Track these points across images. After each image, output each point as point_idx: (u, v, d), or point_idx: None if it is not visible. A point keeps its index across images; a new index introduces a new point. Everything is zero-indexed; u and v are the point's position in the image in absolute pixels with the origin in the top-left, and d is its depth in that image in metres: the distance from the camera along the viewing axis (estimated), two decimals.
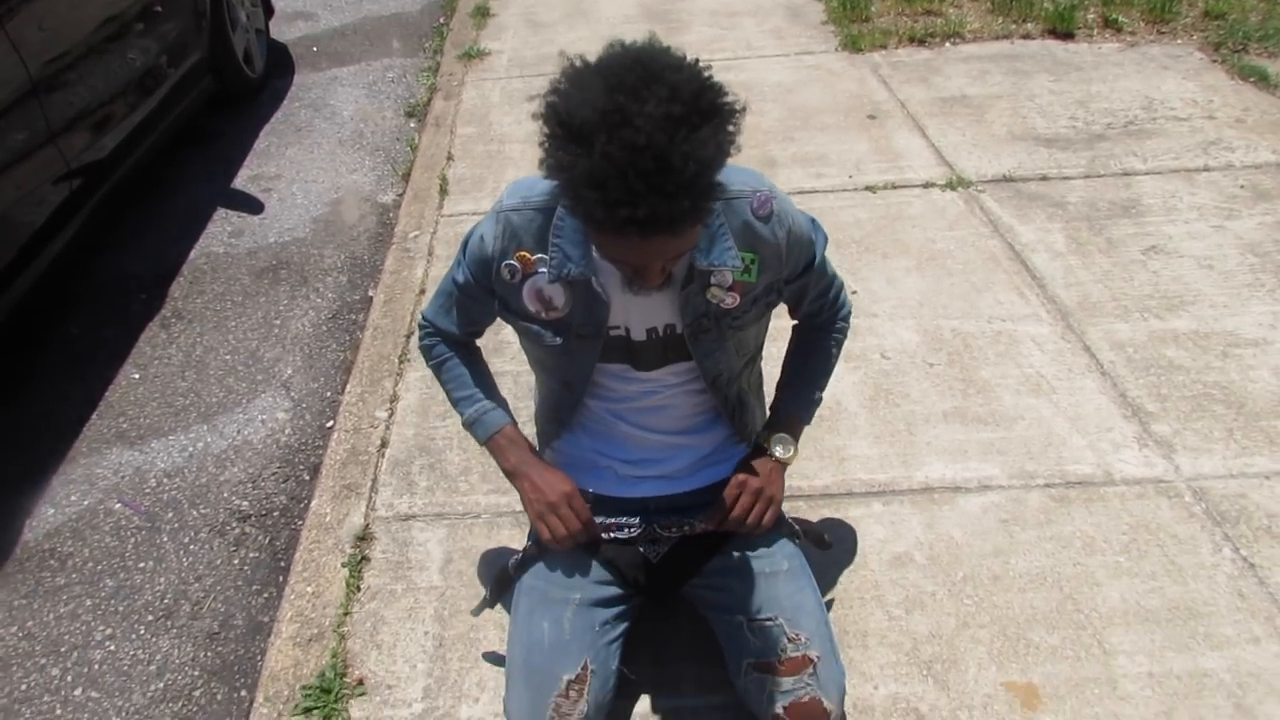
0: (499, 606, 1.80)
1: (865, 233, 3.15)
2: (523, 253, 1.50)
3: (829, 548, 1.89)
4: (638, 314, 1.53)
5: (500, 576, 1.75)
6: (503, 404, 1.71)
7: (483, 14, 5.23)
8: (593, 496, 1.72)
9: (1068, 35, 4.49)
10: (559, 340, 1.55)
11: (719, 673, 1.70)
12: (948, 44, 4.53)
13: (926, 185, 3.40)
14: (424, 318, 1.75)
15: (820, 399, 1.76)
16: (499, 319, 1.66)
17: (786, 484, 1.74)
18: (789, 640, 1.58)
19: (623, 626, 1.67)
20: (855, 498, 2.18)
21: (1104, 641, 1.84)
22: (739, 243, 1.48)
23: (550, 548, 1.63)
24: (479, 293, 1.60)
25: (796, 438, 1.71)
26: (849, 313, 1.78)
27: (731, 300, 1.52)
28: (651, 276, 1.33)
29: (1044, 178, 3.40)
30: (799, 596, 1.64)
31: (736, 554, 1.66)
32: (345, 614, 1.98)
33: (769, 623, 1.60)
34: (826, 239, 1.66)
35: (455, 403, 1.72)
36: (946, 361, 2.58)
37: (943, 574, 1.99)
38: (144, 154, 3.55)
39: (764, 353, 1.75)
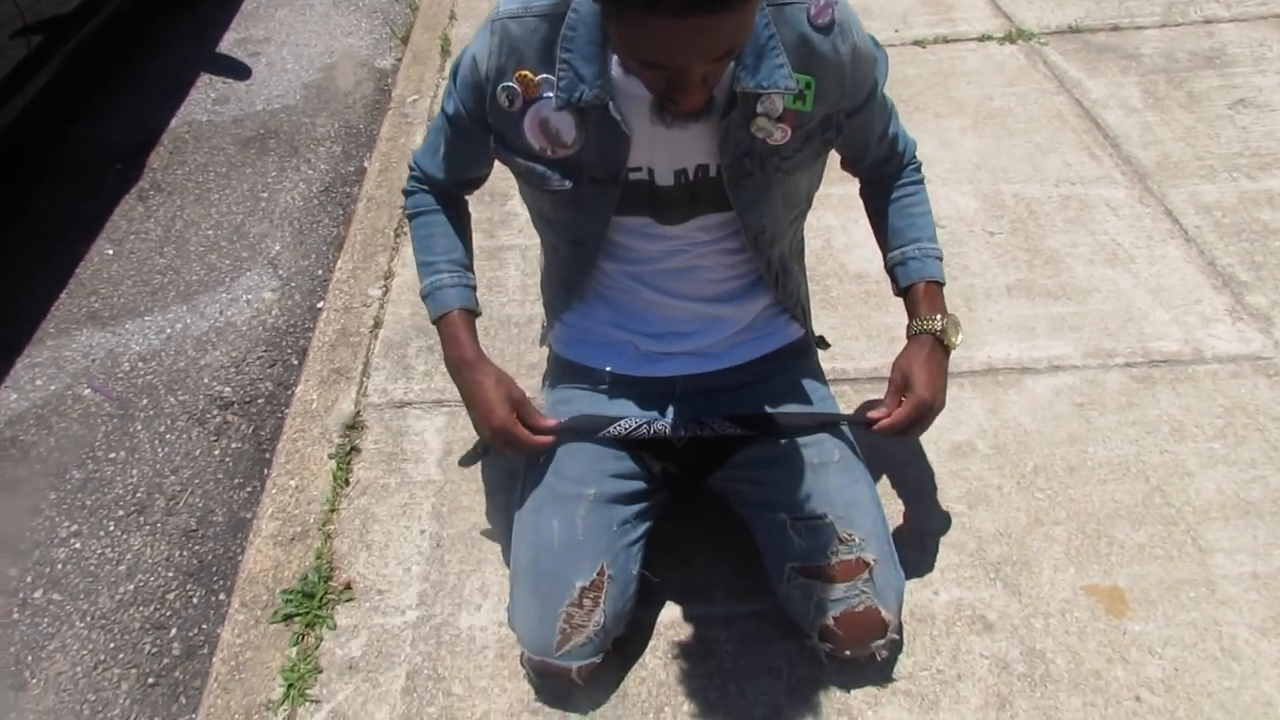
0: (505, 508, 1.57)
1: (915, 91, 2.82)
2: (524, 71, 1.22)
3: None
4: (664, 151, 1.24)
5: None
6: (467, 281, 1.44)
7: None
8: (610, 377, 1.47)
9: None
10: (567, 184, 1.27)
11: (756, 578, 1.48)
12: None
13: (982, 38, 3.05)
14: (413, 159, 1.47)
15: (942, 255, 1.45)
16: (497, 162, 1.38)
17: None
18: (840, 541, 1.34)
19: (644, 526, 1.43)
20: None
21: (1199, 538, 1.60)
22: (793, 62, 1.19)
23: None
24: (471, 128, 1.32)
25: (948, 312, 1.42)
26: (916, 147, 1.48)
27: (781, 134, 1.23)
28: (691, 91, 1.04)
29: (1115, 27, 3.04)
30: (852, 490, 1.39)
31: (784, 440, 1.41)
32: (332, 510, 1.76)
33: (817, 521, 1.36)
34: (887, 59, 1.37)
35: (418, 266, 1.46)
36: (1009, 230, 2.29)
37: (1010, 465, 1.75)
38: (115, 9, 3.23)
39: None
